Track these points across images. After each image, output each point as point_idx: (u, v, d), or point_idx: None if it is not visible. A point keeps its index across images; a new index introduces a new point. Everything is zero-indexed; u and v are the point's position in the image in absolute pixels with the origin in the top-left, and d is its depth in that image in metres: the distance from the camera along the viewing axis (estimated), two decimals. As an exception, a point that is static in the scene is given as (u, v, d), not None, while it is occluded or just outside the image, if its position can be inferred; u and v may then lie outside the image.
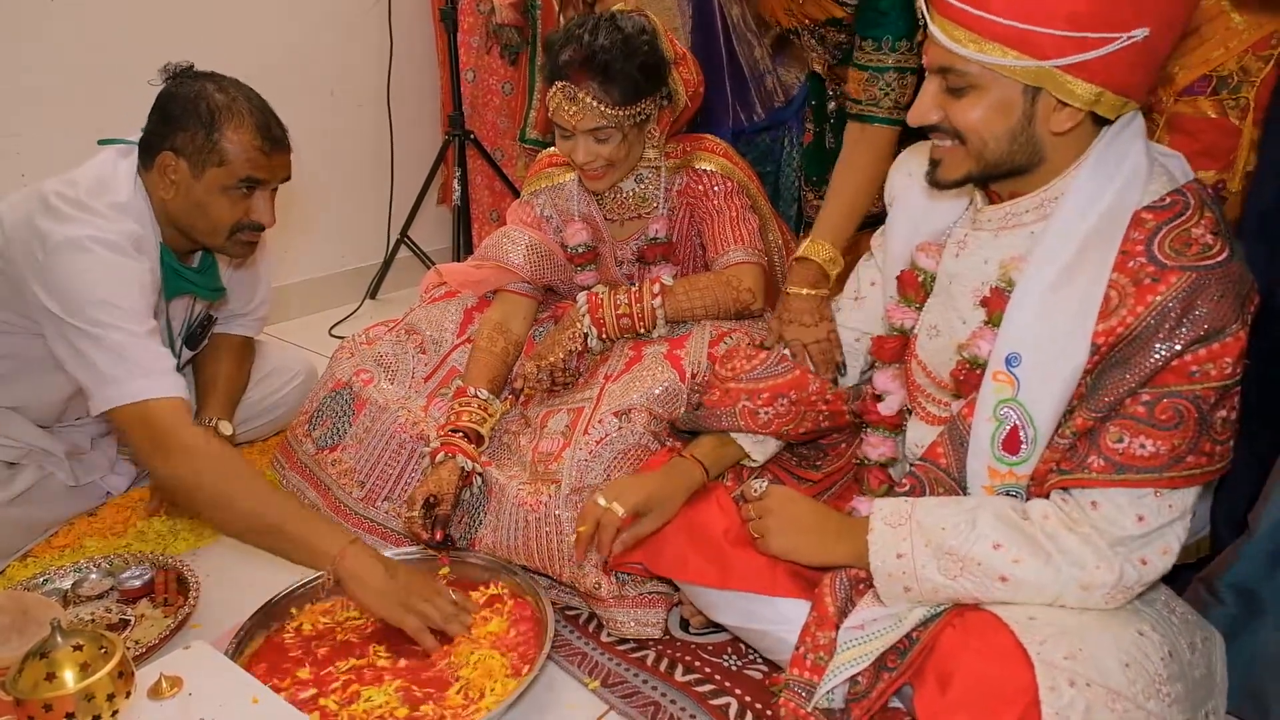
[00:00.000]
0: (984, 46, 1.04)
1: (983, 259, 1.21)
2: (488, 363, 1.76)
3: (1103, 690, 0.98)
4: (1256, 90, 1.44)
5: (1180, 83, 1.50)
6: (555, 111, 1.61)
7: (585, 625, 1.57)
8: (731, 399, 1.43)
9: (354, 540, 1.45)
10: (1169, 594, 1.19)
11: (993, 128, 1.09)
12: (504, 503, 1.59)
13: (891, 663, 1.16)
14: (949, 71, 1.09)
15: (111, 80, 2.53)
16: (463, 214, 3.07)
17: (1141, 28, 0.99)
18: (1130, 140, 1.11)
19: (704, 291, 1.67)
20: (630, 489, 1.38)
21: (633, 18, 1.64)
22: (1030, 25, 1.01)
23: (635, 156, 1.72)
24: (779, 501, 1.31)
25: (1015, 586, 1.09)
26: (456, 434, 1.65)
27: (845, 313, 1.48)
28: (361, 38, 3.10)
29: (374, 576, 1.42)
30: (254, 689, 1.24)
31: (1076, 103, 1.05)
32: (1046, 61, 1.02)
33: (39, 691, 1.00)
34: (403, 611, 1.42)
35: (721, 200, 1.75)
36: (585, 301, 1.70)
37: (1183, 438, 1.04)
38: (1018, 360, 1.11)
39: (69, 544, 1.80)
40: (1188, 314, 1.01)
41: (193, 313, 1.89)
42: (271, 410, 2.16)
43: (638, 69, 1.59)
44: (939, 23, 1.08)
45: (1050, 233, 1.11)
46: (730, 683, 1.42)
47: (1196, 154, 1.51)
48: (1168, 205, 1.08)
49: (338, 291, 3.22)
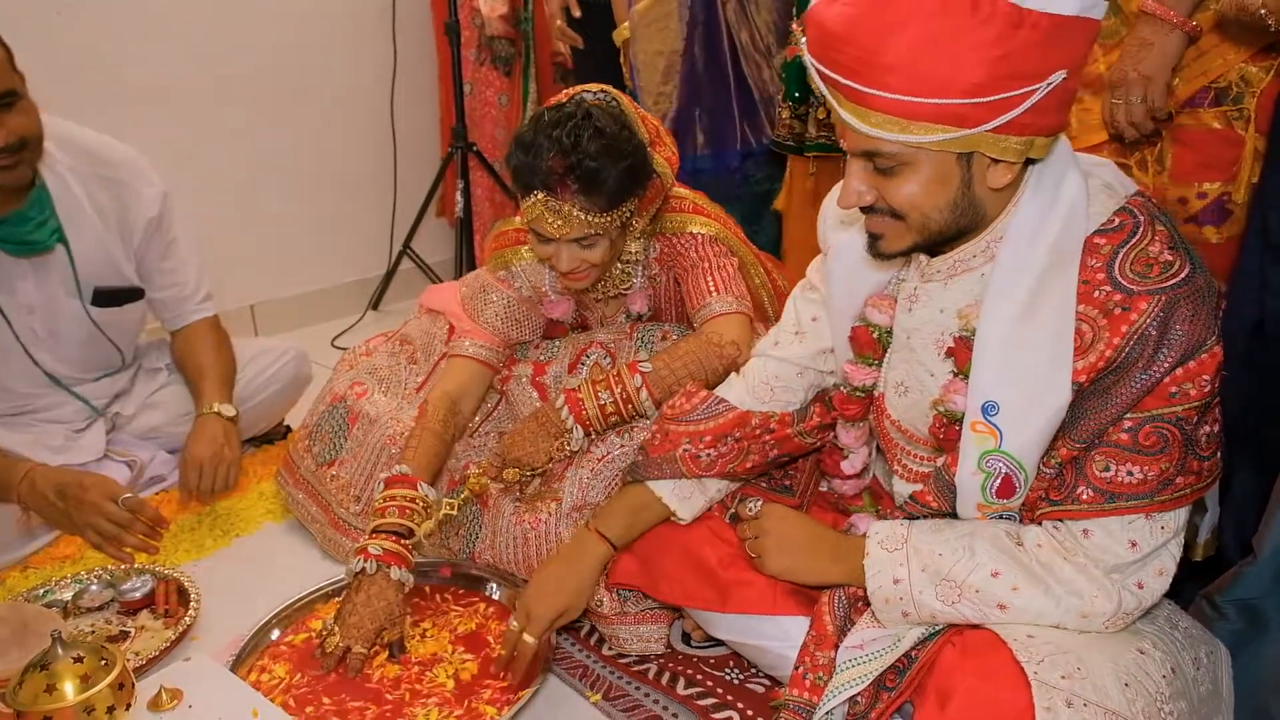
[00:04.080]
0: (907, 128, 0.98)
1: (938, 309, 1.17)
2: (436, 450, 1.59)
3: (1100, 711, 0.97)
4: (1258, 100, 1.44)
5: (1180, 95, 1.50)
6: (535, 222, 1.48)
7: (587, 638, 1.57)
8: (672, 443, 1.36)
9: (29, 470, 1.64)
10: (1172, 608, 1.18)
11: (934, 201, 1.05)
12: (500, 519, 1.58)
13: (890, 682, 1.15)
14: (875, 154, 1.04)
15: (117, 88, 2.54)
16: (465, 226, 3.08)
17: (1059, 71, 0.96)
18: (1062, 164, 1.07)
19: (685, 359, 1.54)
20: (539, 609, 1.34)
21: (609, 109, 1.51)
22: (947, 99, 0.96)
23: (619, 251, 1.61)
24: (774, 522, 1.30)
25: (1014, 614, 1.09)
26: (388, 535, 1.45)
27: (785, 346, 1.38)
28: (365, 50, 3.12)
29: (45, 504, 1.65)
30: (254, 701, 1.24)
31: (1011, 157, 1.01)
32: (975, 129, 0.98)
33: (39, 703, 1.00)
34: (76, 529, 1.65)
35: (694, 253, 1.65)
36: (565, 402, 1.54)
37: (1169, 461, 1.03)
38: (995, 409, 1.07)
39: (70, 555, 1.80)
40: (1165, 337, 0.99)
41: (75, 272, 1.80)
42: (265, 388, 2.13)
43: (624, 173, 1.46)
44: (850, 109, 1.01)
45: (1000, 272, 1.07)
46: (732, 696, 1.42)
47: (1200, 166, 1.51)
48: (1118, 227, 1.05)
49: (340, 303, 3.22)
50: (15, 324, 1.78)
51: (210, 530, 1.89)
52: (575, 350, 1.74)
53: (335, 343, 2.99)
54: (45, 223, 1.73)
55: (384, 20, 3.11)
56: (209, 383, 1.94)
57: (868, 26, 0.97)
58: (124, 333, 1.95)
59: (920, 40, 0.95)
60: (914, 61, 0.96)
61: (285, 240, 3.08)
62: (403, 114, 3.21)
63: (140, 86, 2.62)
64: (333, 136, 3.11)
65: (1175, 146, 1.53)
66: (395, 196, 3.27)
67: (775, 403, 1.38)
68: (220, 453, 1.82)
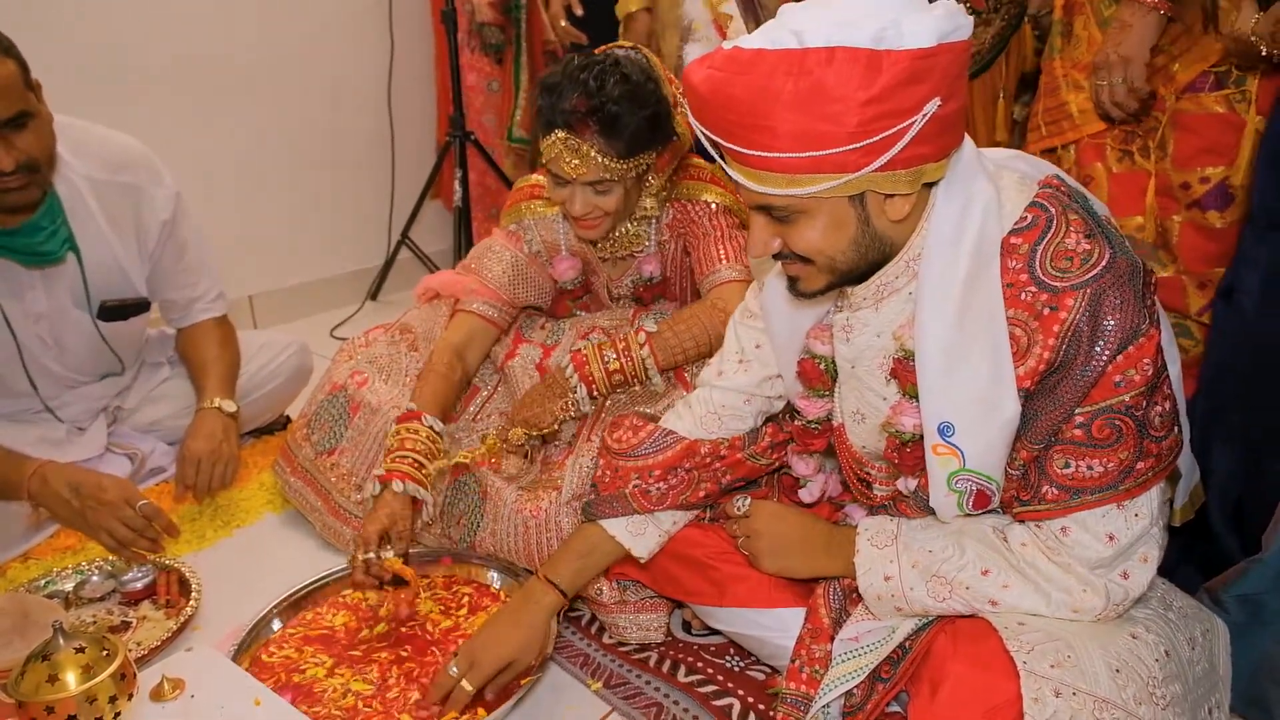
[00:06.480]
0: (792, 181, 0.99)
1: (874, 333, 1.15)
2: (442, 389, 1.66)
3: (1089, 698, 0.97)
4: (1259, 81, 1.43)
5: (1181, 80, 1.50)
6: (553, 161, 1.51)
7: (587, 627, 1.57)
8: (622, 479, 1.35)
9: (39, 467, 1.60)
10: (1167, 588, 1.18)
11: (835, 244, 1.05)
12: (501, 507, 1.59)
13: (885, 673, 1.15)
14: (770, 208, 1.04)
15: (114, 80, 2.53)
16: (464, 215, 3.07)
17: (931, 100, 0.94)
18: (968, 172, 1.06)
19: (690, 323, 1.59)
20: (485, 657, 1.29)
21: (638, 62, 1.56)
22: (825, 150, 0.95)
23: (632, 205, 1.64)
24: (765, 521, 1.30)
25: (1007, 610, 1.09)
26: (404, 459, 1.53)
27: (730, 375, 1.36)
28: (362, 39, 3.10)
29: (59, 502, 1.60)
30: (256, 691, 1.24)
31: (903, 189, 1.01)
32: (858, 173, 0.97)
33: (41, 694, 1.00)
34: (89, 530, 1.60)
35: (707, 222, 1.69)
36: (571, 363, 1.60)
37: (1127, 450, 1.02)
38: (951, 430, 1.06)
39: (71, 546, 1.80)
40: (1098, 330, 0.99)
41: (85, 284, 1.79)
42: (269, 380, 2.13)
43: (645, 120, 1.50)
44: (738, 169, 1.03)
45: (925, 288, 1.06)
46: (733, 683, 1.42)
47: (1201, 151, 1.51)
48: (1031, 224, 1.04)
49: (339, 293, 3.22)
50: (22, 332, 1.76)
51: (211, 520, 1.89)
52: (578, 334, 1.76)
53: (334, 333, 2.98)
54: (56, 233, 1.71)
55: (381, 8, 3.09)
56: (212, 378, 1.93)
57: (735, 90, 0.96)
58: (127, 343, 1.95)
59: (786, 99, 0.94)
60: (784, 120, 0.95)
61: (283, 231, 3.07)
62: (400, 103, 3.20)
63: (138, 78, 2.61)
64: (330, 126, 3.09)
65: (1177, 132, 1.52)
66: (393, 186, 3.26)
67: (724, 432, 1.36)
68: (219, 449, 1.82)
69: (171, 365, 2.09)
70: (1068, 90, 1.64)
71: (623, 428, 1.40)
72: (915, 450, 1.13)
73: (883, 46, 0.92)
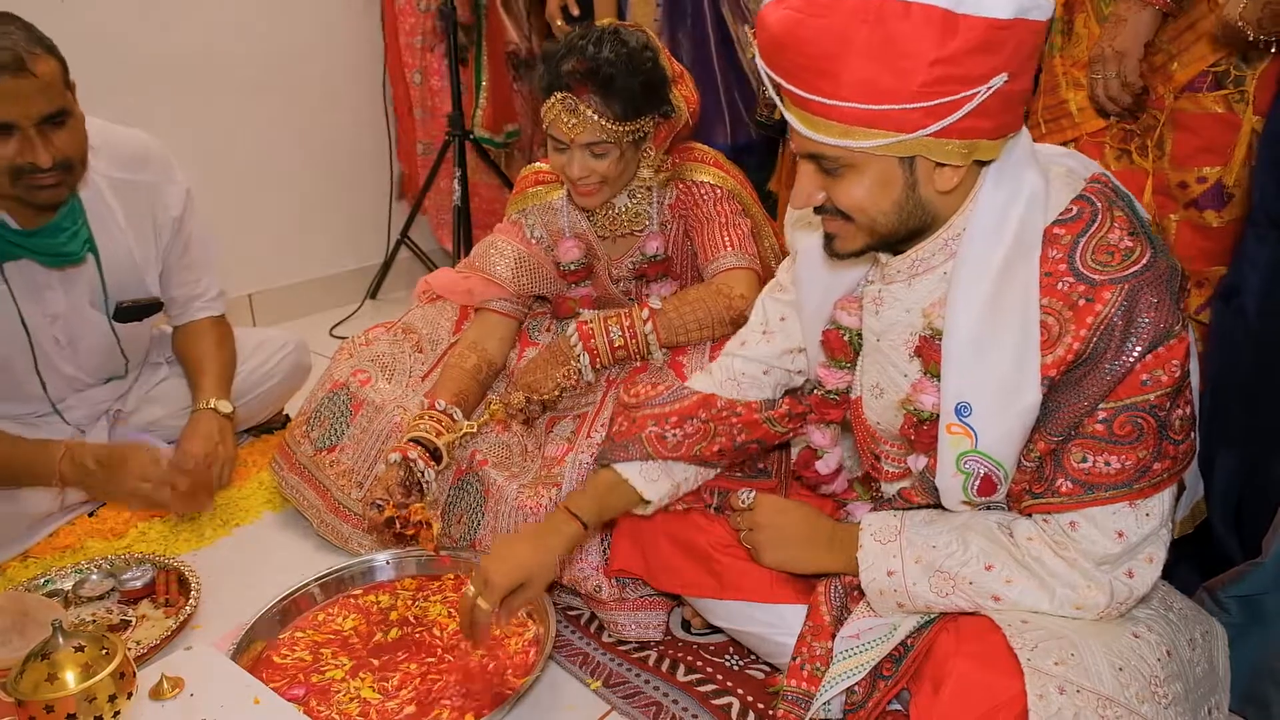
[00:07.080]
0: (847, 132, 0.99)
1: (904, 309, 1.16)
2: (456, 378, 1.71)
3: (1093, 696, 0.97)
4: (1257, 81, 1.43)
5: (1180, 79, 1.49)
6: (552, 124, 1.56)
7: (587, 626, 1.57)
8: (638, 426, 1.35)
9: (69, 449, 1.65)
10: (1167, 589, 1.18)
11: (879, 204, 1.05)
12: (502, 504, 1.59)
13: (887, 670, 1.15)
14: (820, 157, 1.04)
15: (113, 78, 2.52)
16: (463, 214, 3.07)
17: (1000, 74, 0.94)
18: (1021, 161, 1.06)
19: (694, 305, 1.62)
20: (500, 574, 1.27)
21: (635, 33, 1.60)
22: (886, 105, 0.96)
23: (629, 174, 1.67)
24: (768, 514, 1.30)
25: (1009, 605, 1.09)
26: (412, 443, 1.58)
27: (752, 345, 1.37)
28: (363, 38, 3.10)
29: (88, 476, 1.66)
30: (255, 690, 1.24)
31: (955, 160, 1.01)
32: (912, 134, 0.97)
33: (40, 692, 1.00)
34: (124, 497, 1.68)
35: (711, 207, 1.71)
36: (576, 332, 1.64)
37: (1146, 449, 1.02)
38: (968, 410, 1.06)
39: (70, 545, 1.80)
40: (1131, 326, 0.99)
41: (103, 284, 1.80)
42: (266, 380, 2.13)
43: (640, 85, 1.55)
44: (796, 114, 1.03)
45: (962, 269, 1.06)
46: (732, 682, 1.42)
47: (1199, 151, 1.51)
48: (1076, 216, 1.04)
49: (338, 292, 3.21)
50: (37, 333, 1.75)
51: (210, 519, 1.89)
52: None
53: (333, 332, 2.98)
54: (78, 233, 1.71)
55: (374, 7, 3.08)
56: (208, 378, 1.93)
57: (808, 33, 0.97)
58: (136, 344, 1.95)
59: (857, 47, 0.94)
60: (851, 68, 0.95)
61: (283, 229, 3.07)
62: (399, 101, 3.20)
63: (137, 76, 2.60)
64: (329, 125, 3.09)
65: (1175, 131, 1.52)
66: (392, 185, 3.26)
67: (741, 396, 1.36)
68: (215, 450, 1.81)
69: (170, 365, 2.08)
70: (1067, 88, 1.64)
71: (641, 383, 1.42)
72: (932, 429, 1.13)
73: (961, 10, 0.92)
